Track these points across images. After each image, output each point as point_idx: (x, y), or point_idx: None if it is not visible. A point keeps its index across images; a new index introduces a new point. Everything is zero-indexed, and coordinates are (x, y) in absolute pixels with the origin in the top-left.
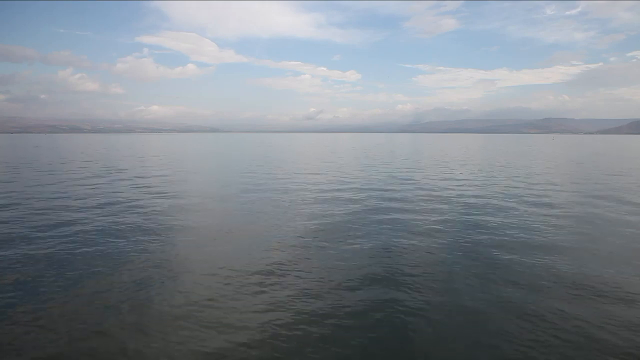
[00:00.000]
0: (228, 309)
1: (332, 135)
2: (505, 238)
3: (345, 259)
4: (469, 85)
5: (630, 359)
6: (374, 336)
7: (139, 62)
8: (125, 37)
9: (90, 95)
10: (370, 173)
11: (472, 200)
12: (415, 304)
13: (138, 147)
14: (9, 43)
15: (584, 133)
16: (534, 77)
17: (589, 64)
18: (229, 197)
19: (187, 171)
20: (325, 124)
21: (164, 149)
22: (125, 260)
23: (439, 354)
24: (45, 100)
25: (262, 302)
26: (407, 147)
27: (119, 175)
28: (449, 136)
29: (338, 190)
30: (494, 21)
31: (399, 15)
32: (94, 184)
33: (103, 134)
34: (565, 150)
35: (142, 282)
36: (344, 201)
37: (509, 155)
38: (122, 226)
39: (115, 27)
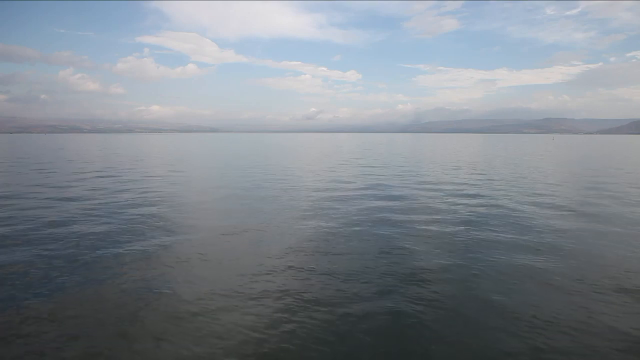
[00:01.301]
0: (228, 309)
1: (332, 135)
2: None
3: (349, 256)
4: (470, 85)
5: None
6: (374, 338)
7: (140, 62)
8: (126, 37)
9: (91, 95)
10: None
11: (482, 200)
12: (421, 307)
13: (155, 147)
14: (10, 43)
15: (584, 133)
16: (534, 77)
17: (589, 64)
18: (240, 196)
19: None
20: (325, 124)
21: (180, 150)
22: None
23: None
24: (46, 100)
25: (263, 301)
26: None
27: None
28: (449, 136)
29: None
30: (495, 21)
31: (400, 16)
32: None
33: (103, 134)
34: (565, 150)
35: (145, 279)
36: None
37: (509, 154)
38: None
39: (116, 28)
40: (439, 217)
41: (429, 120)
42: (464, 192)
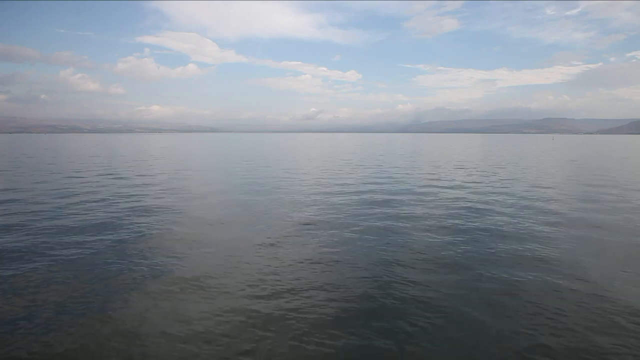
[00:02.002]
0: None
1: (331, 135)
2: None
3: (349, 257)
4: (470, 85)
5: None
6: (371, 338)
7: (140, 62)
8: (126, 38)
9: (91, 95)
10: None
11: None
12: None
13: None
14: (10, 43)
15: (584, 133)
16: (534, 77)
17: (589, 64)
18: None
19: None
20: (325, 124)
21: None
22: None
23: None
24: (46, 100)
25: (260, 300)
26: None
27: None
28: (450, 136)
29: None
30: (495, 21)
31: (400, 16)
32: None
33: (103, 134)
34: (565, 150)
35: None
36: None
37: (512, 155)
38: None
39: (116, 28)
40: (438, 219)
41: (429, 120)
42: (464, 193)
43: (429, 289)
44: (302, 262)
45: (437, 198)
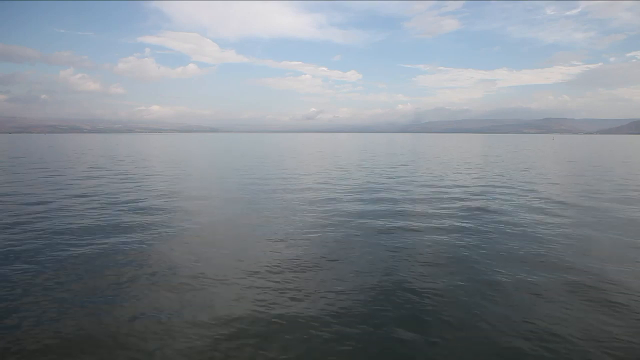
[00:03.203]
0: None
1: (331, 135)
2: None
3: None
4: (470, 85)
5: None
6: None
7: (141, 62)
8: (126, 38)
9: (91, 95)
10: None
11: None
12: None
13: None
14: (10, 43)
15: (584, 133)
16: (534, 77)
17: (589, 64)
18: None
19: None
20: (325, 124)
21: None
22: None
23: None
24: (46, 100)
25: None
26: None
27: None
28: (450, 136)
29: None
30: (495, 21)
31: (400, 16)
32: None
33: (103, 134)
34: (566, 151)
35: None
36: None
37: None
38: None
39: (116, 28)
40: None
41: (429, 120)
42: (464, 195)
43: (436, 289)
44: (307, 264)
45: (444, 199)
